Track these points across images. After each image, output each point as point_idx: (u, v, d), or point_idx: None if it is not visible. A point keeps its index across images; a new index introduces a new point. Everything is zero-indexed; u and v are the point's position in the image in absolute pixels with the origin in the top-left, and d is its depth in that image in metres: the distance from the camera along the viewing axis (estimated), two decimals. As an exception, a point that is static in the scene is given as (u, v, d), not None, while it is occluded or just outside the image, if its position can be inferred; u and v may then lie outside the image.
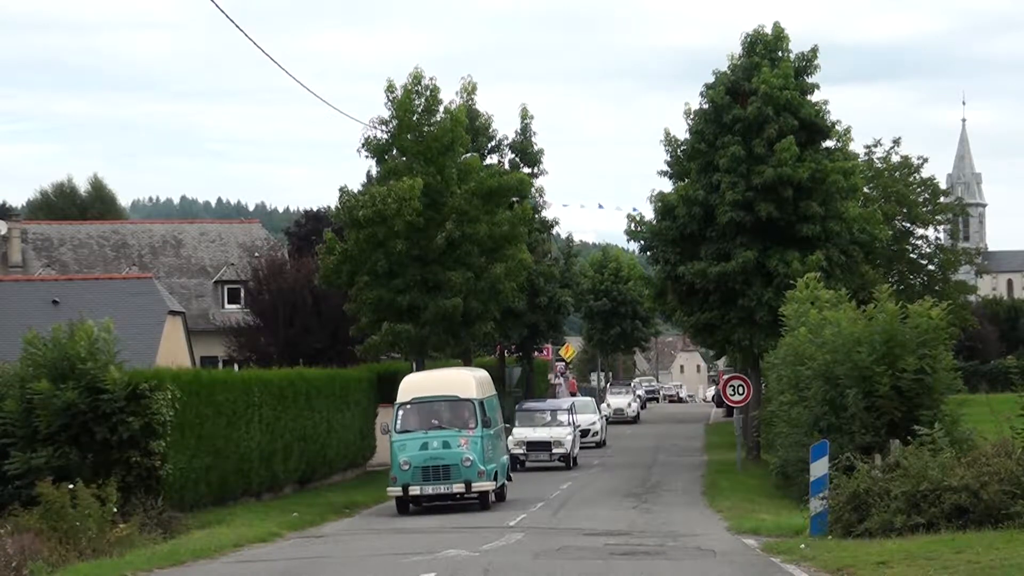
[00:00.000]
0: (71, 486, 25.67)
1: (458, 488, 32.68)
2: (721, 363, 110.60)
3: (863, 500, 23.23)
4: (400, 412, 33.61)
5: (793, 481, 32.61)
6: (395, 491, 33.13)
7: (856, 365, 27.60)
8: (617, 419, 77.18)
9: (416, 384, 34.70)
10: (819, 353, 29.03)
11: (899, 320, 27.70)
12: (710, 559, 22.12)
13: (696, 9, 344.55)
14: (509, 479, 36.37)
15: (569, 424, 49.38)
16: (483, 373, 36.78)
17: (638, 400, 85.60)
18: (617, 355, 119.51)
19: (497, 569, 20.93)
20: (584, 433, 55.96)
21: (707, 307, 48.00)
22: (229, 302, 66.96)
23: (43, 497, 25.48)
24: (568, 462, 47.90)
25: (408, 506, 33.38)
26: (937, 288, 64.35)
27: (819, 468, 23.98)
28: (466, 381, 34.51)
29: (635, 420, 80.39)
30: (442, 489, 32.75)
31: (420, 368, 50.28)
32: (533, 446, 48.05)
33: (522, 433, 48.45)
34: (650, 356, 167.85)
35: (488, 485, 33.10)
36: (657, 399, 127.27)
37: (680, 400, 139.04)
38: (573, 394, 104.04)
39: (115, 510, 26.14)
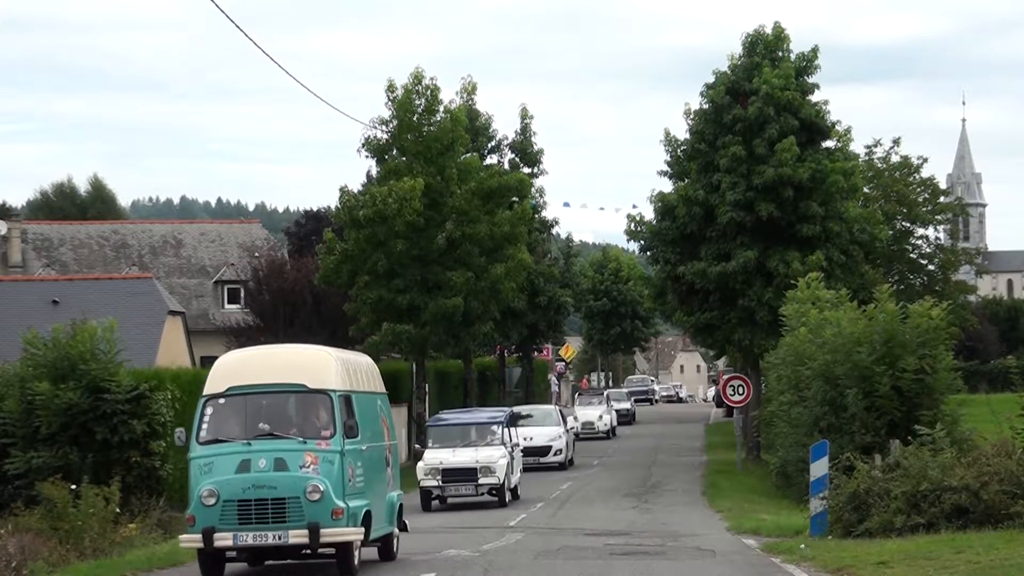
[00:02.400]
0: (74, 486, 25.68)
1: (298, 537, 19.78)
2: (721, 363, 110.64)
3: (863, 500, 23.24)
4: (208, 410, 20.75)
5: (793, 481, 32.62)
6: (192, 541, 20.26)
7: (856, 365, 27.61)
8: (587, 434, 64.91)
9: (237, 366, 21.54)
10: (819, 353, 29.03)
11: (899, 320, 27.71)
12: (710, 559, 22.14)
13: (696, 9, 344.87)
14: (403, 528, 23.47)
15: (502, 442, 35.44)
16: (359, 357, 23.84)
17: (612, 412, 69.29)
18: (617, 355, 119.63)
19: (497, 569, 20.95)
20: (542, 451, 46.57)
21: (707, 307, 48.00)
22: (229, 302, 66.96)
23: (45, 497, 25.49)
24: (502, 496, 34.61)
25: (219, 566, 20.70)
26: (937, 288, 64.34)
27: (819, 468, 23.99)
28: (321, 363, 21.24)
29: (608, 435, 66.45)
30: (270, 539, 19.82)
31: (420, 369, 50.41)
32: (451, 475, 34.38)
33: (435, 457, 34.71)
34: (650, 356, 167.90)
35: (351, 534, 20.09)
36: (652, 401, 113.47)
37: (680, 400, 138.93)
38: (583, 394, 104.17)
39: (117, 510, 26.15)
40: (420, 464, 34.78)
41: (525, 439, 42.50)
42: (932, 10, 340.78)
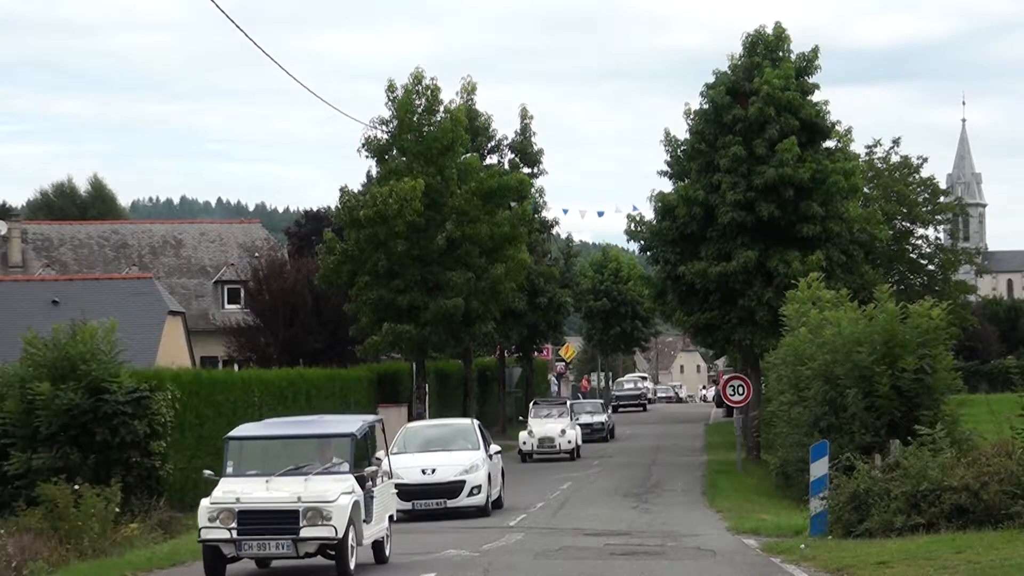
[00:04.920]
0: (76, 487, 25.70)
1: None
2: (721, 363, 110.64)
3: (863, 500, 23.24)
4: None
5: (793, 481, 32.61)
6: None
7: (856, 365, 27.60)
8: (546, 453, 52.10)
9: None
10: (819, 353, 29.02)
11: (899, 320, 27.71)
12: (710, 559, 22.14)
13: (696, 9, 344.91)
14: None
15: (352, 470, 20.85)
16: None
17: (577, 427, 54.89)
18: (617, 355, 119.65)
19: (497, 569, 20.96)
20: (450, 490, 31.42)
21: (707, 307, 47.99)
22: (229, 302, 67.00)
23: (46, 497, 25.48)
24: (343, 558, 20.20)
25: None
26: (937, 288, 64.37)
27: (819, 468, 24.00)
28: None
29: (573, 455, 52.57)
30: None
31: (420, 369, 50.44)
32: (253, 521, 20.05)
33: (231, 491, 20.34)
34: (650, 356, 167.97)
35: None
36: (644, 405, 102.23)
37: (679, 400, 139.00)
38: (583, 394, 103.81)
39: (117, 510, 26.15)
40: (204, 503, 20.41)
41: (425, 470, 31.39)
42: (932, 11, 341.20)
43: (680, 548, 23.73)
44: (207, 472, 21.66)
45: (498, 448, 34.55)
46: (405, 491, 29.88)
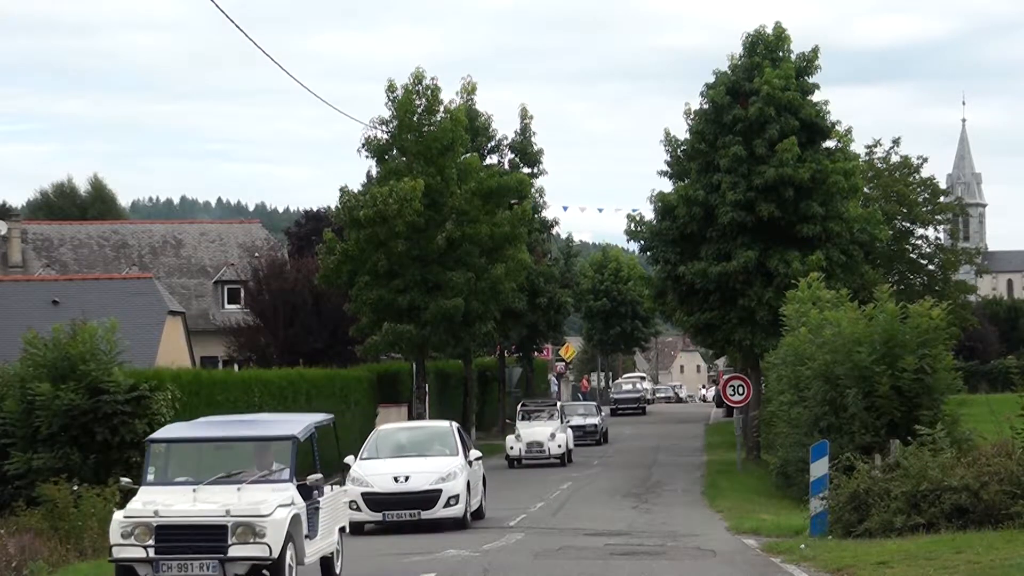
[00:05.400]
0: (75, 488, 25.69)
1: None
2: (721, 363, 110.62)
3: (863, 500, 23.26)
4: None
5: (793, 481, 32.63)
6: None
7: (856, 365, 27.61)
8: (535, 458, 49.19)
9: None
10: (819, 353, 29.03)
11: (899, 320, 27.71)
12: (710, 559, 22.16)
13: (696, 9, 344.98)
14: None
15: (287, 476, 18.63)
16: None
17: (568, 431, 51.72)
18: (617, 355, 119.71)
19: (497, 569, 20.98)
20: (425, 500, 28.40)
21: (707, 307, 47.98)
22: (229, 302, 66.97)
23: (46, 497, 25.48)
24: None
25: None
26: (937, 288, 64.36)
27: (819, 468, 24.02)
28: None
29: (564, 460, 49.47)
30: None
31: (420, 369, 50.46)
32: (173, 537, 18.03)
33: (151, 503, 18.53)
34: (650, 356, 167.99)
35: None
36: (643, 408, 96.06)
37: (679, 400, 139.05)
38: (584, 394, 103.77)
39: (115, 509, 26.11)
40: (117, 516, 18.65)
41: (397, 478, 28.76)
42: (932, 11, 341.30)
43: (680, 548, 23.75)
44: (124, 480, 19.82)
45: (479, 454, 31.58)
46: (376, 500, 28.27)
